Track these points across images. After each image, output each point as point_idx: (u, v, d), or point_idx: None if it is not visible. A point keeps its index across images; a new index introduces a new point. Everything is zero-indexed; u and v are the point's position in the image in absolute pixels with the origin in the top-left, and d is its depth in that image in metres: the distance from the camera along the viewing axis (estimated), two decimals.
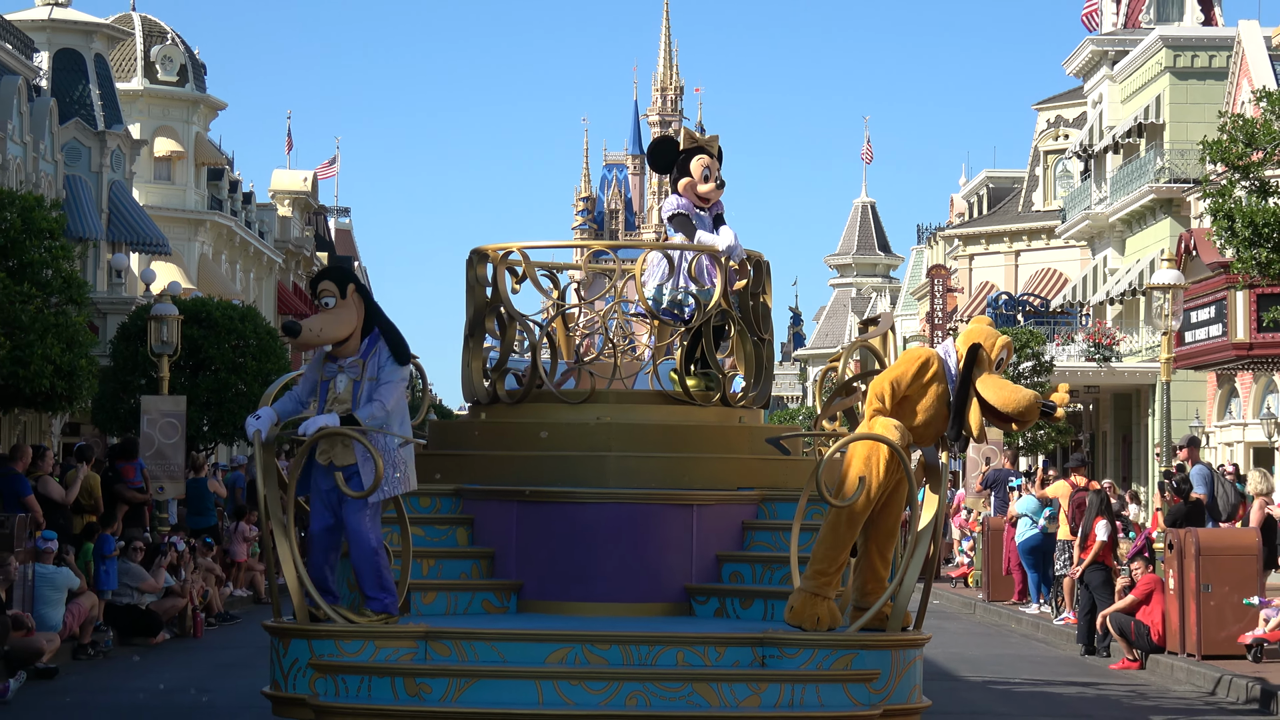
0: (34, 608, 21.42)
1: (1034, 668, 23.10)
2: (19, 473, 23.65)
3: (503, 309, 15.64)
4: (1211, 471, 25.92)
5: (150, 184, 62.67)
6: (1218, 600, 22.25)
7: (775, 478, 15.27)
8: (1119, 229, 57.42)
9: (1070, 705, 19.20)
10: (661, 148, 16.26)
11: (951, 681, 20.34)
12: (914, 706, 13.36)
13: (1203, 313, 35.07)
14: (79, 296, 30.81)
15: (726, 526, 14.95)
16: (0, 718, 17.15)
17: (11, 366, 28.48)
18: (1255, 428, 44.87)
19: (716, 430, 15.58)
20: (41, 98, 49.56)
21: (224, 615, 27.88)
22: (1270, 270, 26.65)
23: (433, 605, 14.37)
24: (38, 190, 43.05)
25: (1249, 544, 22.73)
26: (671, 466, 14.96)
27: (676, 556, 14.68)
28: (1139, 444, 53.72)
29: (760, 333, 15.89)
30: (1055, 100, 69.75)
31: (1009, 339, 13.80)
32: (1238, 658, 21.68)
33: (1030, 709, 18.94)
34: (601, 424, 15.20)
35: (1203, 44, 53.94)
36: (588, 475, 14.82)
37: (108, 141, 53.54)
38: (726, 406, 15.72)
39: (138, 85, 63.26)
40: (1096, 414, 58.97)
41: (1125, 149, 56.74)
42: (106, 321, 44.14)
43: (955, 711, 17.56)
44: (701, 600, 14.64)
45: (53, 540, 22.38)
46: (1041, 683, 20.66)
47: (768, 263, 16.10)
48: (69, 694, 18.88)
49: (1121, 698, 19.30)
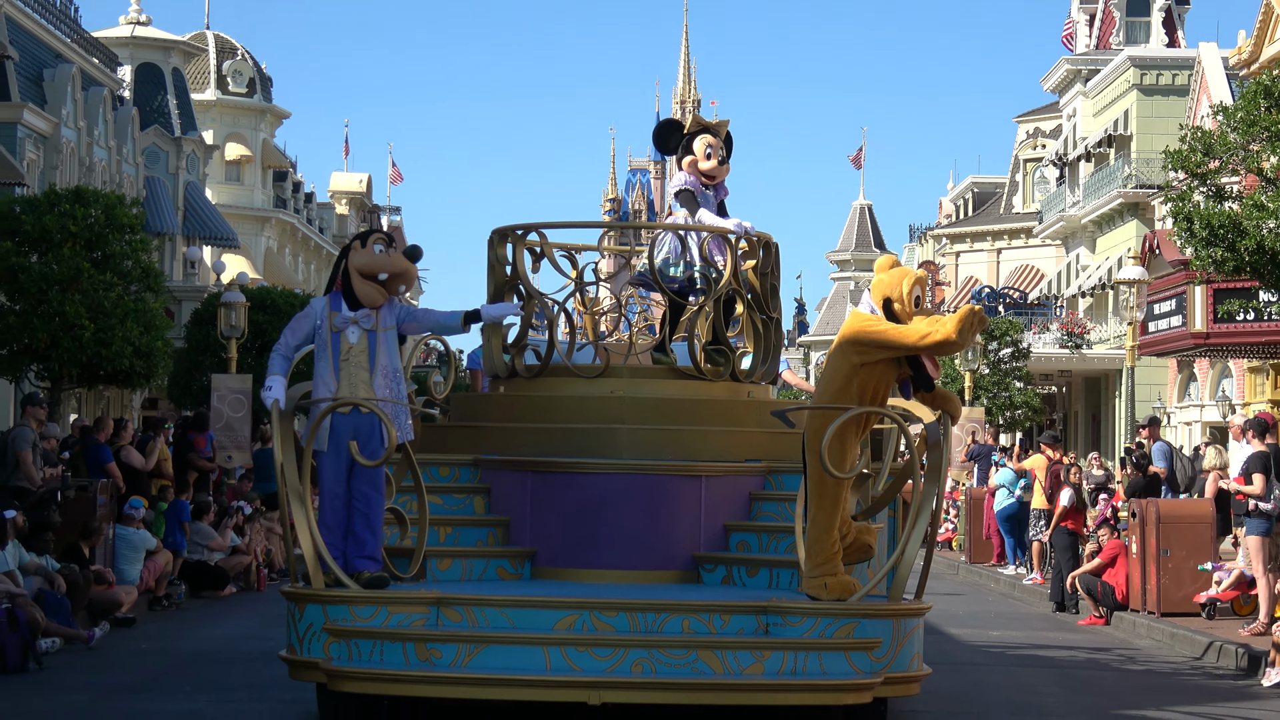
0: (114, 564, 21.49)
1: (1009, 622, 23.08)
2: (102, 443, 23.69)
3: (521, 286, 14.72)
4: (1170, 448, 25.89)
5: (221, 185, 62.77)
6: (1175, 564, 22.24)
7: (781, 450, 14.25)
8: (1090, 230, 57.31)
9: (1058, 664, 19.14)
10: (666, 130, 15.53)
11: (935, 635, 20.31)
12: (915, 674, 12.57)
13: (1165, 305, 34.95)
14: (156, 285, 30.86)
15: (734, 497, 14.04)
16: (85, 661, 17.16)
17: (95, 347, 28.59)
18: (1211, 409, 44.78)
19: (726, 404, 14.69)
20: (124, 107, 49.66)
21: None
22: (1225, 267, 26.57)
23: (448, 571, 13.56)
24: (120, 190, 43.10)
25: (1204, 513, 22.70)
26: (682, 439, 14.13)
27: (686, 526, 13.79)
28: (1106, 423, 53.67)
29: (769, 311, 15.05)
30: (1034, 113, 69.60)
31: (919, 274, 12.54)
32: (1193, 615, 21.68)
33: (1026, 668, 18.89)
34: (615, 397, 14.35)
35: (1167, 63, 53.80)
36: (601, 447, 13.97)
37: (183, 146, 53.66)
38: (736, 382, 14.92)
39: (211, 96, 63.36)
40: (1069, 396, 58.90)
41: (1096, 158, 56.63)
42: (181, 307, 44.25)
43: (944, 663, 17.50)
44: (709, 568, 13.78)
45: (139, 508, 22.45)
46: (1032, 646, 20.57)
47: (776, 245, 15.16)
48: (145, 640, 18.92)
49: (1112, 661, 19.22)
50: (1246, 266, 26.26)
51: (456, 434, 14.79)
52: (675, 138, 15.31)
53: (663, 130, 15.57)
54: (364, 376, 12.64)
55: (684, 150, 15.15)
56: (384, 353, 12.71)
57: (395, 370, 12.81)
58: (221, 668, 16.64)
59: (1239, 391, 42.22)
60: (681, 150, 15.17)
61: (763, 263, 14.95)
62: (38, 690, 15.17)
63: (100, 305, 28.69)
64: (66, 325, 28.40)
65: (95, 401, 41.74)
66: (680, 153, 15.19)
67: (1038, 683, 16.89)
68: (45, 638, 17.20)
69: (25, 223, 29.10)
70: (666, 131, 15.50)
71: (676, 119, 15.65)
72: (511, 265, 14.67)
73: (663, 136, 15.52)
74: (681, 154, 15.17)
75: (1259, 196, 26.19)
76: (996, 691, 15.88)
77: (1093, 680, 17.45)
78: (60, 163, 42.46)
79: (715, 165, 15.08)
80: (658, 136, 15.61)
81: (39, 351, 28.89)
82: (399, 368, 12.93)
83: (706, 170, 15.06)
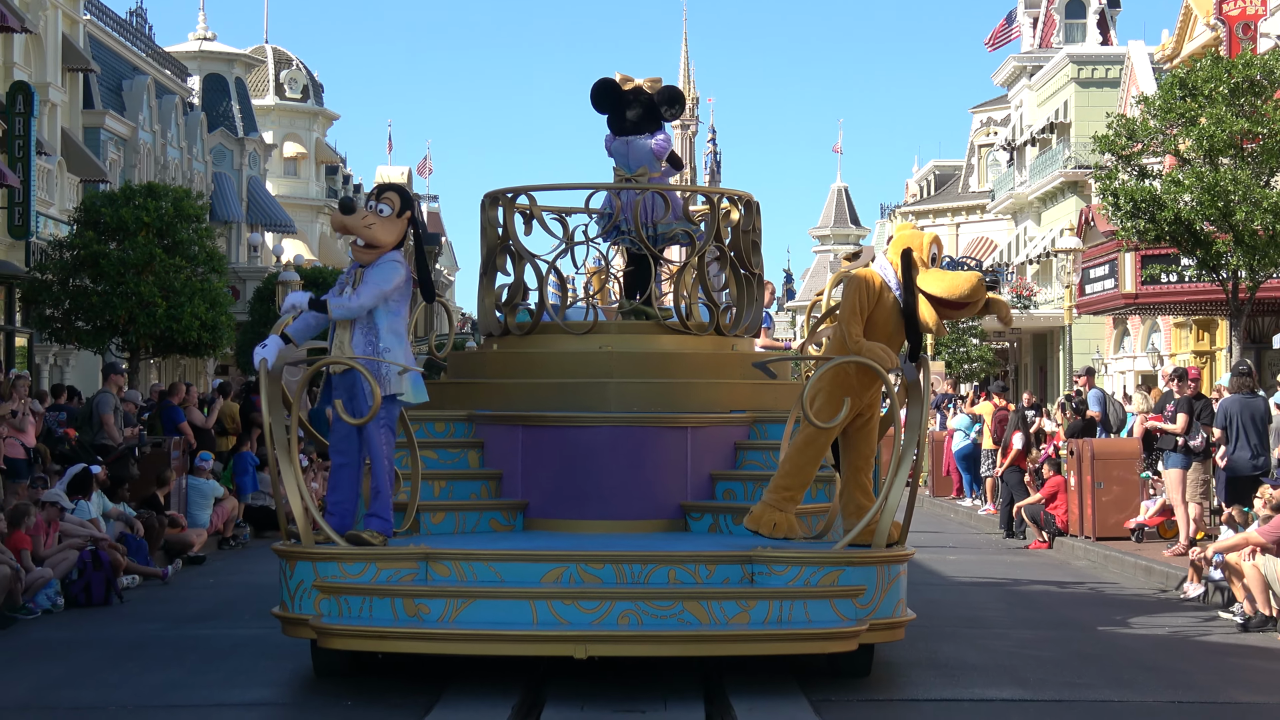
0: (187, 510, 21.55)
1: (965, 548, 23.08)
2: (175, 405, 23.75)
3: (513, 246, 13.58)
4: (1104, 395, 25.86)
5: (280, 178, 62.66)
6: (1108, 495, 22.26)
7: (765, 401, 13.29)
8: (1036, 206, 57.11)
9: (1005, 583, 19.15)
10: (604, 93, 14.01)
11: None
12: (899, 620, 11.24)
13: (1099, 270, 34.82)
14: (220, 267, 30.98)
15: (720, 447, 12.90)
16: (160, 594, 17.21)
17: (167, 322, 28.77)
18: (1143, 359, 44.67)
19: (711, 357, 13.53)
20: (194, 112, 49.63)
21: None
22: (1147, 237, 26.62)
23: (442, 524, 12.38)
24: (191, 185, 43.14)
25: (1132, 451, 22.69)
26: (668, 391, 13.02)
27: (673, 476, 12.65)
28: (1052, 373, 53.50)
29: (750, 267, 13.95)
30: (986, 105, 69.24)
31: (936, 235, 11.74)
32: (1123, 539, 21.70)
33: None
34: (604, 352, 13.16)
35: (1101, 60, 53.52)
36: (590, 400, 12.83)
37: (246, 146, 53.60)
38: (720, 335, 13.75)
39: (270, 101, 63.21)
40: (1019, 350, 58.76)
41: (1040, 143, 56.42)
42: (246, 286, 44.25)
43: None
44: (697, 517, 12.63)
45: (208, 461, 22.50)
46: (984, 568, 20.57)
47: (757, 203, 14.04)
48: (213, 576, 18.97)
49: (1052, 579, 19.20)
50: (1166, 236, 26.29)
51: (452, 390, 13.64)
52: (609, 100, 14.01)
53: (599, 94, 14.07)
54: (346, 336, 11.40)
55: (670, 115, 13.99)
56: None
57: (379, 328, 11.32)
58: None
59: (1167, 344, 42.12)
60: (669, 114, 14.00)
61: (744, 219, 13.93)
62: (119, 620, 15.27)
63: (171, 286, 28.86)
64: (142, 303, 28.60)
65: (173, 369, 41.79)
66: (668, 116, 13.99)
67: (986, 600, 16.90)
68: (126, 575, 17.27)
69: (105, 215, 29.30)
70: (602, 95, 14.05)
71: (613, 81, 14.09)
72: (503, 227, 13.60)
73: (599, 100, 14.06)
74: (667, 117, 14.00)
75: (1176, 174, 26.22)
76: (949, 608, 15.85)
77: (1034, 596, 17.47)
78: (138, 162, 42.49)
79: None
80: (598, 99, 14.06)
81: (118, 327, 29.10)
82: (387, 326, 11.36)
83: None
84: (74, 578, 16.31)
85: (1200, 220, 25.55)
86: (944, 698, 10.93)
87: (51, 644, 13.75)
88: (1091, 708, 10.78)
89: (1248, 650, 13.52)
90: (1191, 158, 26.18)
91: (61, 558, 16.26)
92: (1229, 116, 25.49)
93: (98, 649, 13.41)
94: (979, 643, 13.30)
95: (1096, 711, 10.67)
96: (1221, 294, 27.26)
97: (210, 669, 12.13)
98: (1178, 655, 13.17)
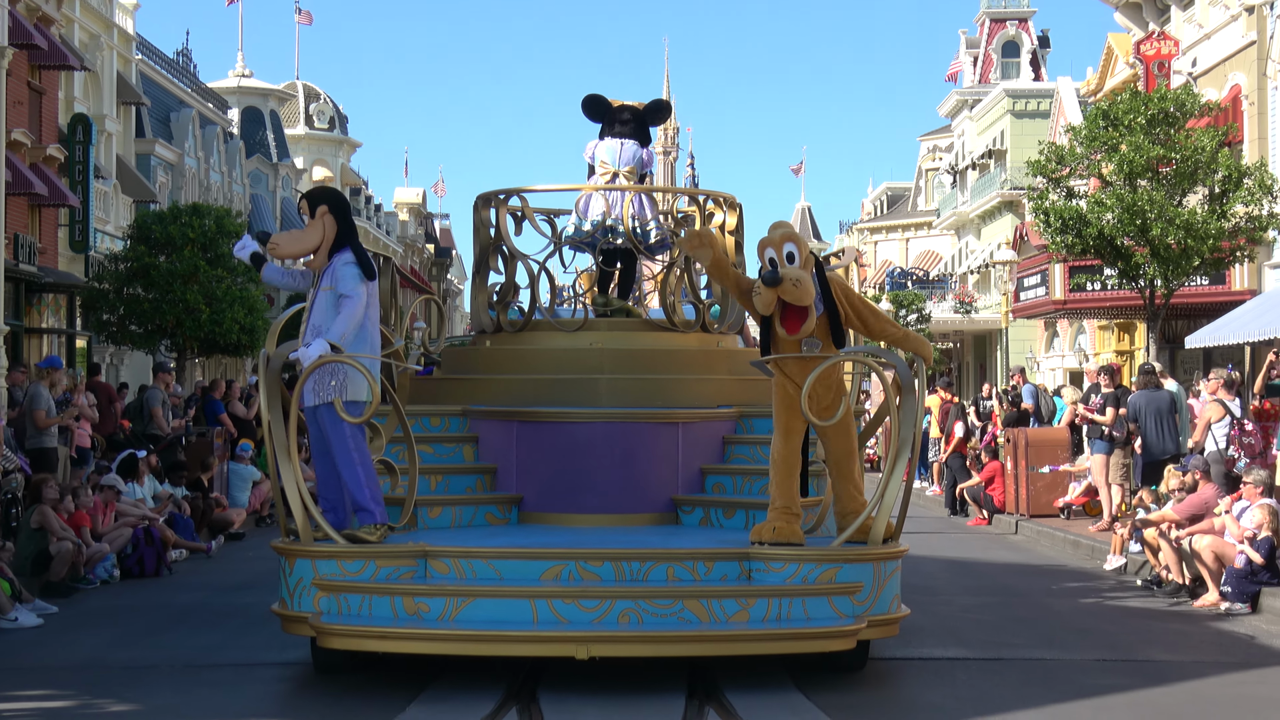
0: (228, 492, 21.52)
1: (913, 524, 23.00)
2: (216, 399, 23.73)
3: (504, 247, 12.73)
4: (1036, 389, 25.91)
5: None
6: (1040, 478, 22.30)
7: (751, 396, 12.27)
8: (976, 222, 57.15)
9: (949, 556, 19.16)
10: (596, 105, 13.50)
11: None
12: (895, 616, 10.16)
13: (1032, 279, 34.88)
14: (256, 277, 30.83)
15: (708, 441, 11.94)
16: (205, 567, 17.21)
17: (210, 326, 28.77)
18: (1071, 358, 44.72)
19: (698, 354, 12.65)
20: (233, 141, 49.51)
21: None
22: (1074, 250, 26.72)
23: (438, 519, 11.38)
24: (230, 205, 43.05)
25: (1062, 439, 22.74)
26: (658, 387, 12.13)
27: (664, 469, 11.68)
28: (991, 370, 53.53)
29: (734, 266, 12.67)
30: (933, 133, 69.31)
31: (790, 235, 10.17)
32: (1054, 516, 21.73)
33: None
34: (594, 349, 12.37)
35: (1033, 94, 53.59)
36: (582, 396, 11.95)
37: (280, 171, 53.49)
38: (706, 333, 12.99)
39: (300, 131, 63.12)
40: (962, 350, 58.80)
41: (980, 167, 56.50)
42: (280, 294, 44.10)
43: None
44: (688, 510, 11.65)
45: (248, 450, 22.46)
46: (931, 543, 20.54)
47: (741, 205, 13.23)
48: (251, 550, 18.93)
49: (990, 551, 19.26)
50: (1091, 249, 26.39)
51: (447, 386, 12.74)
52: (599, 109, 13.51)
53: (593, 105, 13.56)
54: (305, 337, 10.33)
55: (656, 120, 13.48)
56: (316, 312, 10.27)
57: (329, 329, 10.12)
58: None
59: (1092, 345, 42.16)
60: (655, 124, 13.54)
61: (728, 220, 13.13)
62: (169, 589, 15.30)
63: (213, 294, 28.85)
64: (188, 309, 28.60)
65: (216, 368, 41.73)
66: (655, 122, 13.49)
67: (933, 570, 16.89)
68: (174, 549, 17.27)
69: (155, 231, 29.32)
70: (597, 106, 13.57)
71: (603, 96, 13.59)
72: (494, 228, 12.77)
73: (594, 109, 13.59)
74: (654, 126, 13.55)
75: (1100, 195, 26.32)
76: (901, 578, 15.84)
77: (975, 567, 17.49)
78: (184, 184, 42.38)
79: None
80: (590, 109, 13.56)
81: (167, 330, 29.11)
82: (345, 328, 10.13)
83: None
84: (128, 552, 16.30)
85: (1121, 236, 25.70)
86: (895, 656, 10.90)
87: (109, 610, 13.76)
88: (1026, 665, 10.79)
89: (1164, 614, 13.56)
90: (1113, 180, 26.26)
91: (118, 534, 16.25)
92: (1146, 144, 25.64)
93: (149, 615, 13.41)
94: (927, 608, 13.27)
95: (1030, 668, 10.68)
96: (1140, 300, 27.38)
97: (250, 632, 12.11)
98: (1102, 619, 13.20)
